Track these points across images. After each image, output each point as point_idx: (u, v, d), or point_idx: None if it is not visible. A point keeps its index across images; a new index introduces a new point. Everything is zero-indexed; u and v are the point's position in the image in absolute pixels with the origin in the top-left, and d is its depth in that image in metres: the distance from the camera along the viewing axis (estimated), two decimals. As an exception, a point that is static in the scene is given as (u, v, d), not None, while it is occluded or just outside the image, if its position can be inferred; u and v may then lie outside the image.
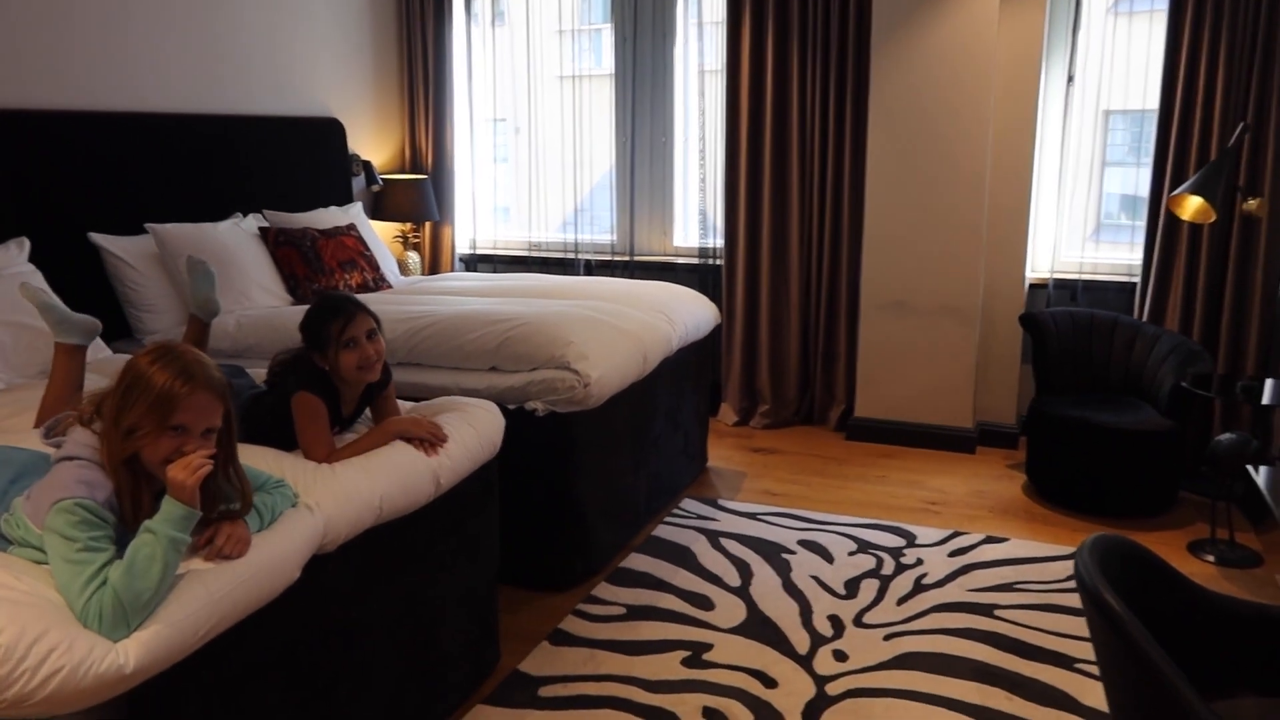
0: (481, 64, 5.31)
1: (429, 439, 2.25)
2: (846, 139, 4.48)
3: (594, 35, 5.17)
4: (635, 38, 4.99)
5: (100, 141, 3.56)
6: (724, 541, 3.44)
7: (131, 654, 1.47)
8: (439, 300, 3.65)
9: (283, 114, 4.49)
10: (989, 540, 3.43)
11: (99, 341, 3.18)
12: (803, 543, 3.43)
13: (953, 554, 3.33)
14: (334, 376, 2.26)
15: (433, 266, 5.38)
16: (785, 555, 3.33)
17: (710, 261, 4.98)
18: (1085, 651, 2.69)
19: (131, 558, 1.51)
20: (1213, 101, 3.87)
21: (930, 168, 4.25)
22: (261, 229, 4.03)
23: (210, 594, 1.61)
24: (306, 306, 2.37)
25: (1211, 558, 3.30)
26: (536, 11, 5.17)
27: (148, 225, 3.65)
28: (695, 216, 5.09)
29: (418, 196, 5.08)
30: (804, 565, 3.25)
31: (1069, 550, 3.34)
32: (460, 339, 3.16)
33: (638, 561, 3.29)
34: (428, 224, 5.33)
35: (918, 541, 3.43)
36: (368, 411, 2.45)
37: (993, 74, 4.09)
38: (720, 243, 4.90)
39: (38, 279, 3.13)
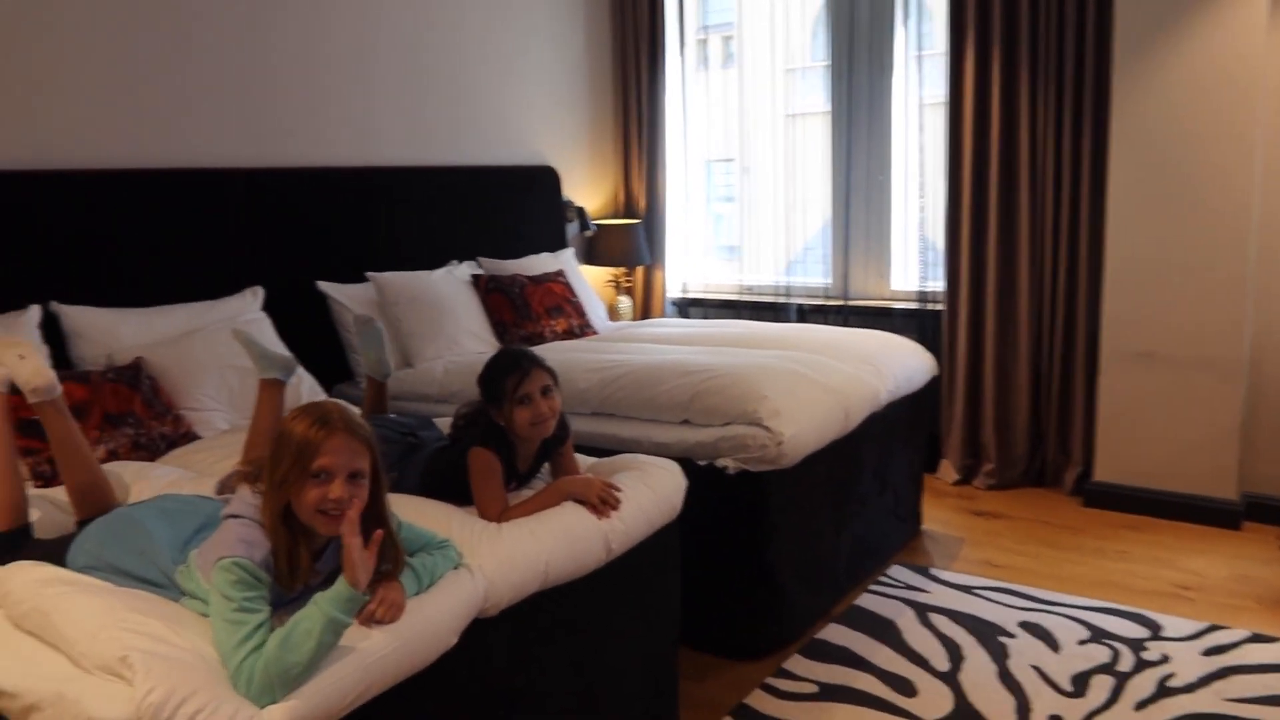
0: (696, 105, 5.28)
1: (601, 501, 2.16)
2: (1084, 172, 4.06)
3: (809, 73, 5.01)
4: (851, 73, 4.79)
5: (326, 195, 3.80)
6: (933, 617, 3.13)
7: (277, 719, 1.46)
8: (636, 349, 3.60)
9: (499, 164, 4.64)
10: (1256, 639, 2.92)
11: (318, 385, 3.36)
12: (1025, 625, 3.06)
13: (1208, 652, 2.85)
14: (509, 432, 2.23)
15: (644, 311, 5.37)
16: (1003, 639, 2.98)
17: (930, 306, 4.65)
18: (1383, 792, 2.20)
19: (290, 629, 1.51)
20: None
21: (1183, 201, 3.76)
22: (474, 276, 4.15)
23: (361, 660, 1.59)
24: None
25: None
26: (750, 51, 5.09)
27: (368, 274, 3.84)
28: (914, 258, 4.78)
29: (629, 241, 5.10)
30: (1024, 652, 2.89)
31: (1363, 658, 2.79)
32: (652, 390, 3.07)
33: (835, 633, 3.05)
34: (640, 268, 5.34)
35: (1164, 634, 2.97)
36: (546, 467, 2.41)
37: (1259, 97, 3.57)
38: (941, 285, 4.58)
39: (266, 326, 3.35)
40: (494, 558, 1.93)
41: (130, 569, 1.74)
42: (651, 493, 2.31)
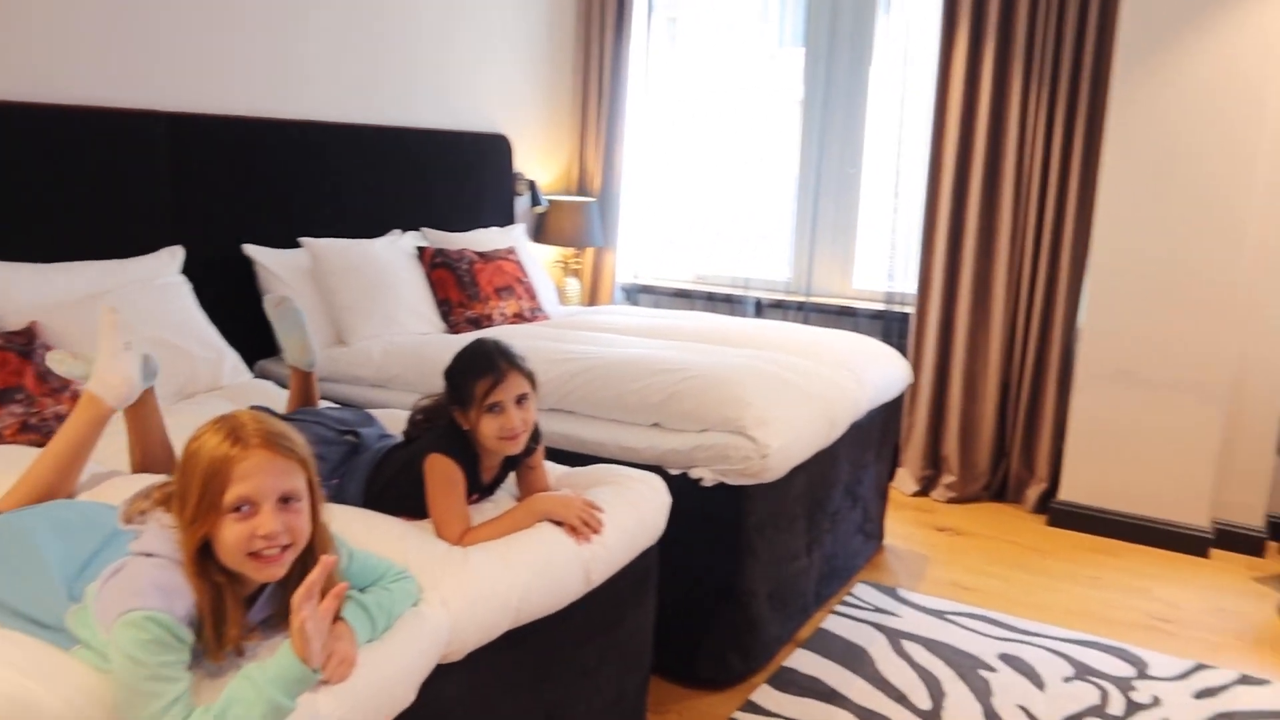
0: (661, 84, 4.97)
1: (582, 523, 1.86)
2: (1072, 179, 3.89)
3: (784, 57, 4.75)
4: (830, 59, 4.54)
5: (259, 149, 3.39)
6: (907, 645, 2.92)
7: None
8: (600, 340, 3.30)
9: (448, 128, 4.26)
10: (1245, 680, 2.79)
11: (241, 363, 2.98)
12: (1004, 657, 2.87)
13: (1199, 695, 2.70)
14: (473, 439, 1.91)
15: (592, 296, 5.07)
16: (984, 672, 2.78)
17: (896, 308, 4.45)
18: None
19: (222, 712, 1.18)
20: None
21: (1176, 216, 3.61)
22: (419, 248, 3.79)
23: (300, 729, 1.27)
24: (457, 338, 2.03)
25: None
26: (724, 31, 4.79)
27: (301, 239, 3.45)
28: (882, 257, 4.58)
29: (582, 220, 4.78)
30: (1008, 689, 2.70)
31: (1353, 706, 2.67)
32: (621, 388, 2.78)
33: (805, 661, 2.81)
34: (590, 250, 5.03)
35: (1150, 672, 2.81)
36: (512, 477, 2.10)
37: (1265, 113, 3.43)
38: (910, 288, 4.38)
39: (185, 291, 2.96)
40: (460, 590, 1.62)
41: (11, 601, 1.38)
42: (635, 511, 2.03)
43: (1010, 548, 3.73)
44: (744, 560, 2.62)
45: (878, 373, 3.35)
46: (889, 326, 4.46)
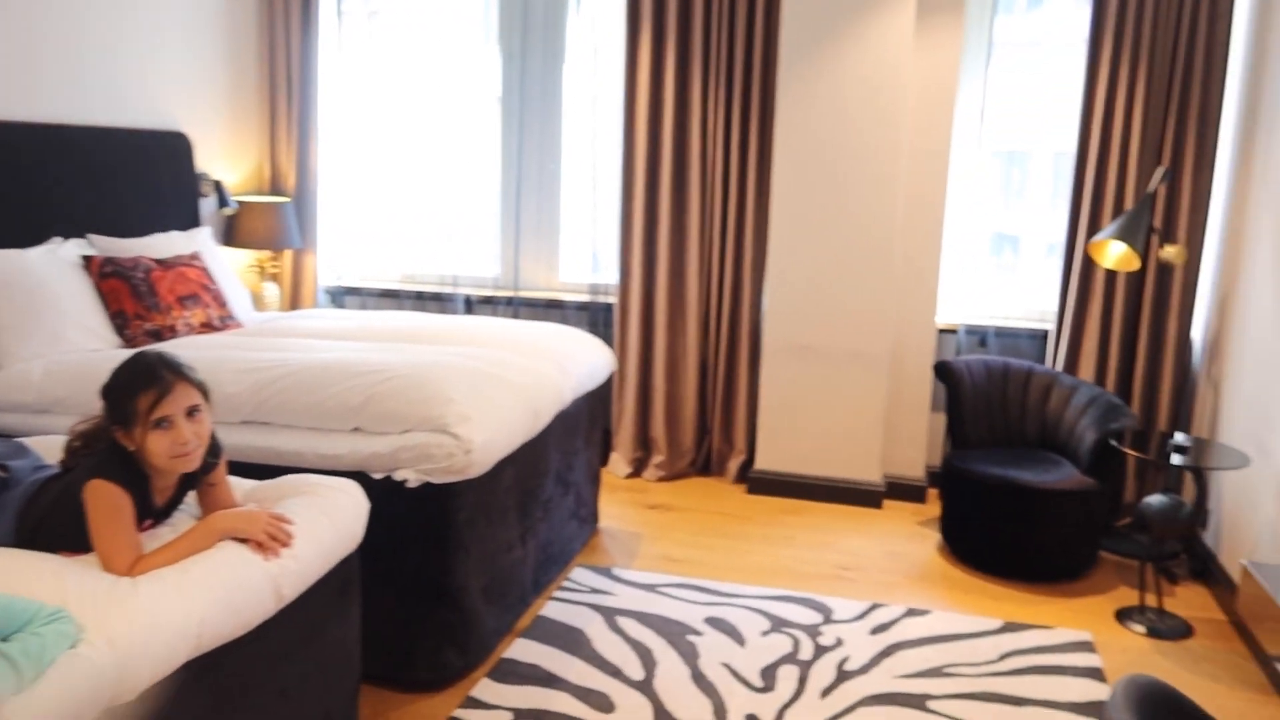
0: (354, 79, 4.82)
1: (268, 538, 1.79)
2: (750, 170, 4.20)
3: (480, 55, 4.75)
4: (524, 57, 4.61)
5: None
6: (621, 621, 3.05)
7: None
8: (294, 345, 3.16)
9: (118, 125, 3.90)
10: (911, 613, 3.15)
11: None
12: (710, 620, 3.07)
13: (874, 631, 3.03)
14: (141, 460, 1.78)
15: (293, 301, 4.84)
16: (691, 637, 2.96)
17: (601, 299, 4.61)
18: (1030, 752, 2.41)
19: None
20: (1128, 142, 3.74)
21: (839, 203, 4.00)
22: (85, 257, 3.45)
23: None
24: (132, 353, 1.87)
25: (1141, 629, 3.10)
26: (417, 26, 4.72)
27: (-66, 252, 3.04)
28: (586, 250, 4.72)
29: (276, 221, 4.54)
30: (713, 649, 2.89)
31: (996, 624, 3.09)
32: (319, 394, 2.68)
33: (525, 650, 2.86)
34: (288, 252, 4.79)
35: (835, 616, 3.12)
36: (192, 497, 1.97)
37: (906, 107, 3.88)
38: (612, 279, 4.55)
39: None
40: (128, 624, 1.51)
41: None
42: (329, 521, 1.97)
43: (715, 518, 3.99)
44: (456, 557, 2.62)
45: (582, 362, 3.45)
46: (595, 316, 4.61)
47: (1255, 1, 3.53)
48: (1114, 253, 3.46)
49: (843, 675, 2.76)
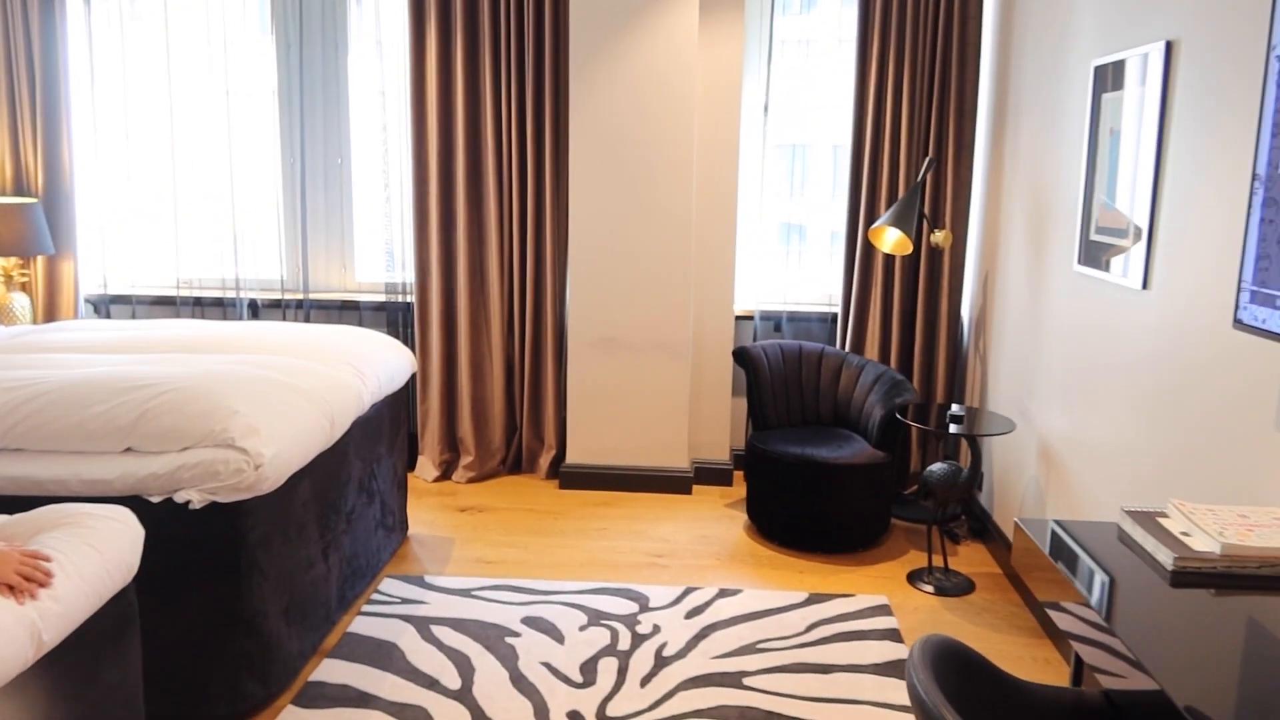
0: (110, 69, 4.42)
1: (21, 579, 1.59)
2: (547, 165, 4.16)
3: (251, 43, 4.47)
4: (302, 47, 4.37)
5: None
6: (436, 630, 2.95)
7: None
8: (52, 361, 2.86)
9: None
10: (722, 594, 3.22)
11: None
12: (528, 620, 3.02)
13: (689, 615, 3.07)
14: None
15: (48, 312, 4.39)
16: (510, 640, 2.90)
17: (399, 298, 4.45)
18: (838, 715, 2.51)
19: None
20: (899, 135, 3.98)
21: (636, 194, 4.03)
22: None
23: None
24: None
25: (930, 587, 3.31)
26: (178, 11, 4.38)
27: None
28: (381, 248, 4.54)
29: (24, 224, 4.11)
30: (532, 649, 2.84)
31: (802, 596, 3.21)
32: (81, 414, 2.43)
33: (333, 670, 2.72)
34: (40, 259, 4.35)
35: (651, 605, 3.14)
36: (-72, 539, 1.73)
37: (695, 98, 3.95)
38: (410, 277, 4.40)
39: None
40: None
41: None
42: (96, 554, 1.78)
43: (528, 515, 3.94)
44: (250, 580, 2.45)
45: (380, 365, 3.31)
46: (394, 317, 4.45)
47: (999, 4, 3.83)
48: (890, 238, 3.66)
49: (661, 661, 2.78)
